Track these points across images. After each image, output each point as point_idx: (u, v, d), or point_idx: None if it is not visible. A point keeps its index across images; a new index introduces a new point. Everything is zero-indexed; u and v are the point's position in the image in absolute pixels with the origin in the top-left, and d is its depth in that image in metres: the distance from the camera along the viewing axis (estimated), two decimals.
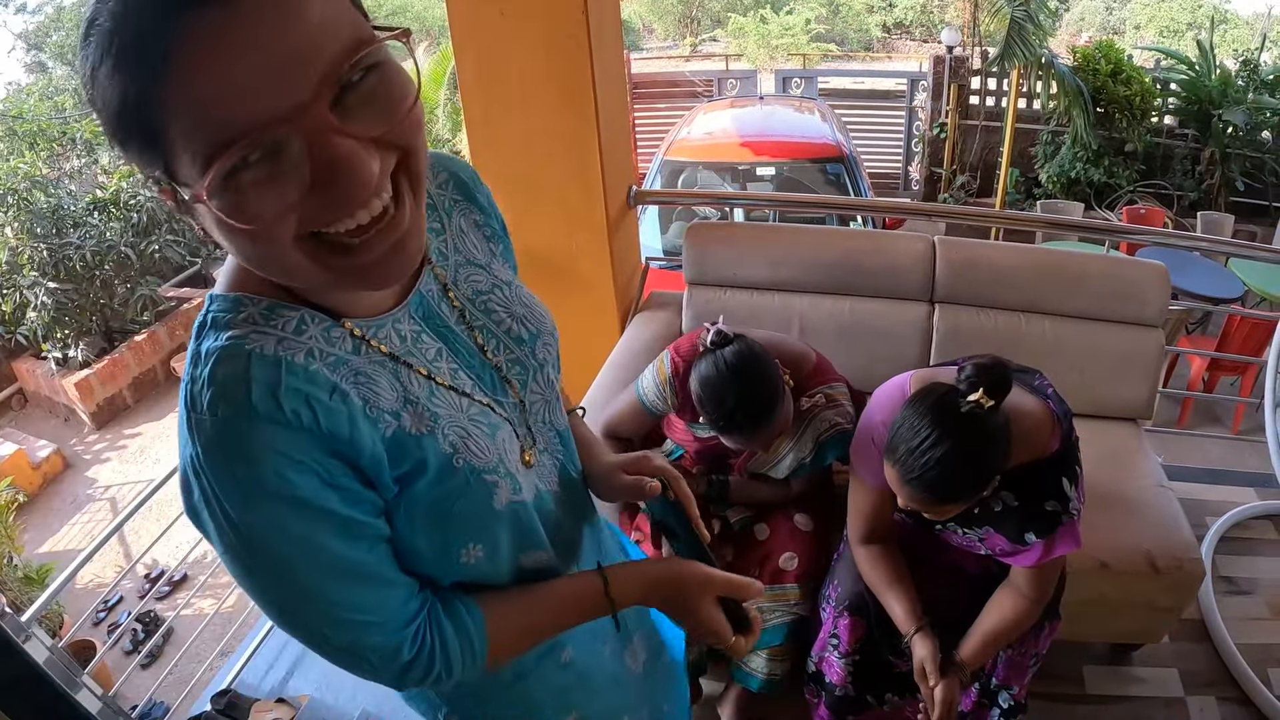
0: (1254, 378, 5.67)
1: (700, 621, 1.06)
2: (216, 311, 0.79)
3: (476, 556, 0.95)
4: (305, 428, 0.76)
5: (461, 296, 0.99)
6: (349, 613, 0.84)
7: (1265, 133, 8.64)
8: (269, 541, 0.78)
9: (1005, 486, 1.68)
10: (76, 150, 9.15)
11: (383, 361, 0.86)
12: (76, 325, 7.64)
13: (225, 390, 0.74)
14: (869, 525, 1.93)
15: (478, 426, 0.92)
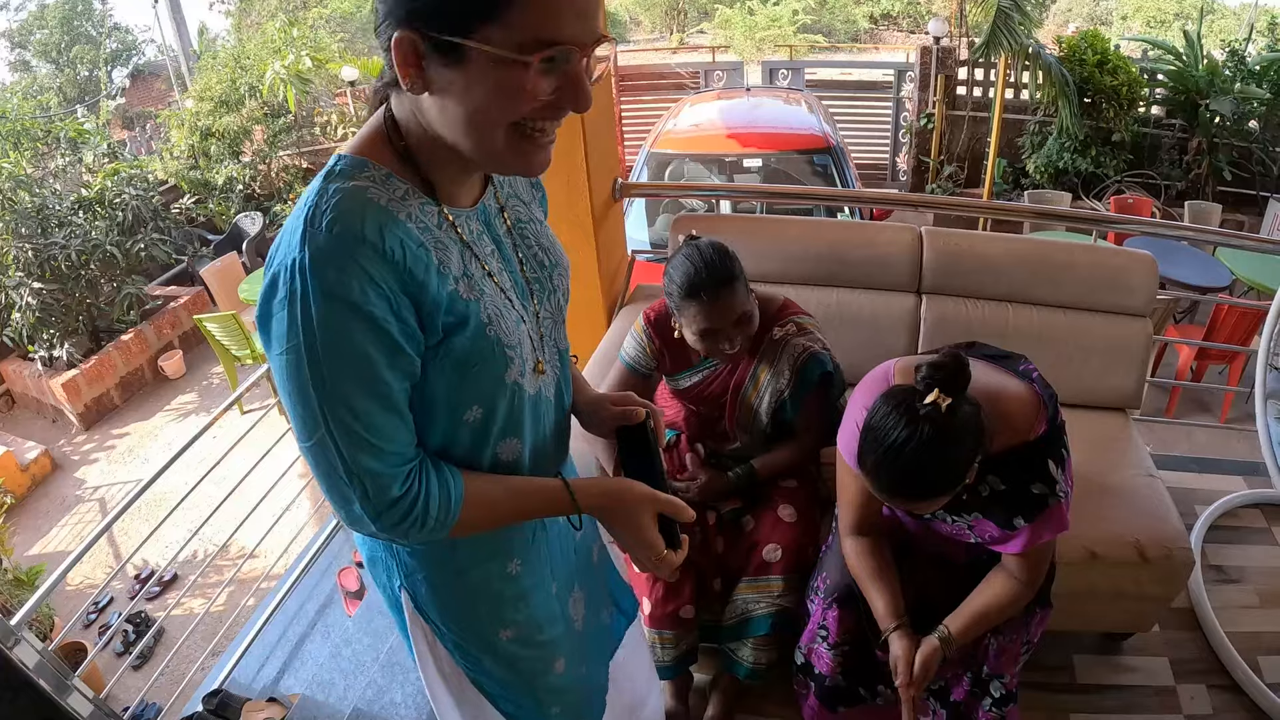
0: (1242, 366, 5.68)
1: (640, 533, 1.24)
2: (344, 166, 1.01)
3: (475, 418, 1.14)
4: (394, 261, 0.97)
5: (511, 217, 1.22)
6: (365, 430, 1.01)
7: (1252, 122, 8.65)
8: (332, 340, 0.96)
9: (991, 471, 1.68)
10: (61, 149, 9.08)
11: (455, 240, 1.08)
12: (62, 325, 7.58)
13: (345, 217, 0.95)
14: (858, 515, 1.92)
15: (510, 311, 1.13)
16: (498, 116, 0.96)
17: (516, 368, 1.13)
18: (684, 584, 2.15)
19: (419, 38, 0.91)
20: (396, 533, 1.09)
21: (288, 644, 2.93)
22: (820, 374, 2.18)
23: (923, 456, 1.50)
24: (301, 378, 0.98)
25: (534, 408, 1.22)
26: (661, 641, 2.17)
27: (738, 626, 2.16)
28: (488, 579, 1.31)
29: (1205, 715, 2.40)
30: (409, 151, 1.04)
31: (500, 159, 1.02)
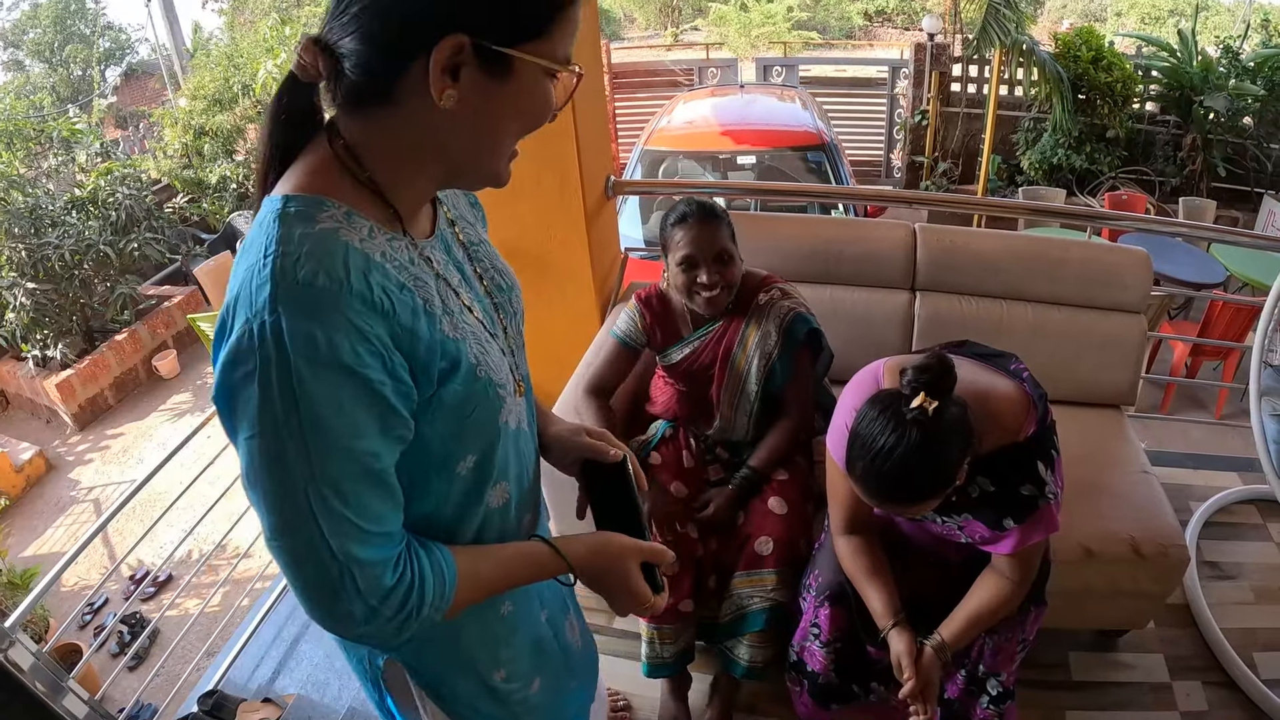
0: (1236, 363, 5.70)
1: (628, 585, 1.18)
2: (300, 206, 0.88)
3: (468, 468, 1.05)
4: (384, 311, 0.87)
5: (465, 240, 1.13)
6: (356, 516, 0.89)
7: (1247, 119, 8.68)
8: (319, 415, 0.84)
9: (980, 472, 1.68)
10: (54, 149, 9.06)
11: (431, 274, 0.98)
12: (56, 325, 7.57)
13: (325, 266, 0.83)
14: (849, 514, 1.92)
15: (492, 347, 1.05)
16: (520, 129, 0.95)
17: (508, 408, 1.07)
18: (683, 577, 2.15)
19: (470, 45, 0.85)
20: (390, 628, 0.96)
21: (283, 644, 2.93)
22: (806, 331, 2.25)
23: (911, 462, 1.49)
24: (281, 463, 0.86)
25: (516, 444, 1.14)
26: (661, 637, 2.16)
27: (733, 624, 2.15)
28: (485, 625, 1.22)
29: (1201, 712, 2.40)
30: (375, 183, 0.93)
31: (496, 173, 0.98)
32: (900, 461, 1.49)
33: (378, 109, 0.90)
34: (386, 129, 0.92)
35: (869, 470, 1.54)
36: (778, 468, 2.31)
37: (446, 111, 0.88)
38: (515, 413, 1.11)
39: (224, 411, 0.87)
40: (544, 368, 1.64)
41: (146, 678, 3.27)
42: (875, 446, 1.51)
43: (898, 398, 1.52)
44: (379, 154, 0.93)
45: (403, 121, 0.91)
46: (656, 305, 2.37)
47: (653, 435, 2.40)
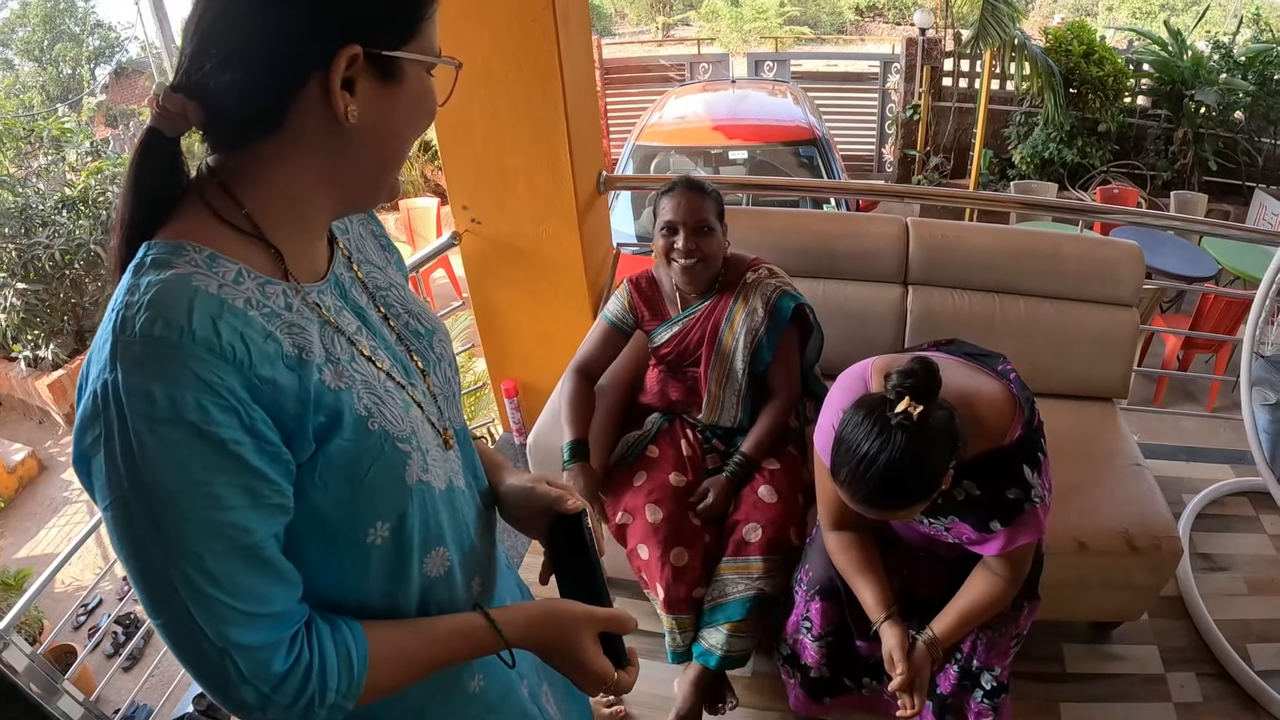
0: (1228, 355, 5.71)
1: (582, 661, 1.05)
2: (158, 254, 0.80)
3: (381, 538, 0.93)
4: (236, 361, 0.76)
5: (370, 285, 1.03)
6: (229, 597, 0.79)
7: (1238, 113, 8.70)
8: (164, 482, 0.74)
9: (966, 475, 1.67)
10: (44, 148, 9.01)
11: (315, 320, 0.88)
12: (47, 325, 7.53)
13: (165, 314, 0.74)
14: (837, 510, 1.92)
15: (392, 399, 0.93)
16: (415, 133, 0.90)
17: (416, 464, 0.94)
18: (695, 564, 2.15)
19: (362, 55, 0.81)
20: (292, 715, 0.85)
21: None
22: (793, 307, 2.29)
23: (896, 469, 1.48)
24: (137, 539, 0.76)
25: (449, 504, 1.03)
26: (680, 627, 2.15)
27: (713, 610, 2.14)
28: (450, 705, 1.10)
29: (1195, 703, 2.41)
30: (251, 220, 0.85)
31: (394, 186, 0.93)
32: (885, 468, 1.48)
33: (266, 141, 0.84)
34: (276, 159, 0.85)
35: (854, 476, 1.53)
36: (770, 452, 2.31)
37: (346, 129, 0.83)
38: (440, 471, 1.00)
39: (84, 480, 0.79)
40: (537, 363, 1.65)
41: (141, 678, 3.24)
42: (860, 453, 1.50)
43: (883, 402, 1.51)
44: (265, 190, 0.86)
45: (296, 147, 0.84)
46: (645, 286, 2.43)
47: (649, 429, 2.40)
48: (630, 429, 2.44)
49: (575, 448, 2.30)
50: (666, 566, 2.12)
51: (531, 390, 3.38)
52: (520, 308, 3.21)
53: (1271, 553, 2.92)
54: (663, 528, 2.15)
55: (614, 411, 2.50)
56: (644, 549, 2.16)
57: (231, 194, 0.85)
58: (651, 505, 2.18)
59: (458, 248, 3.19)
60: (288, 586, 0.85)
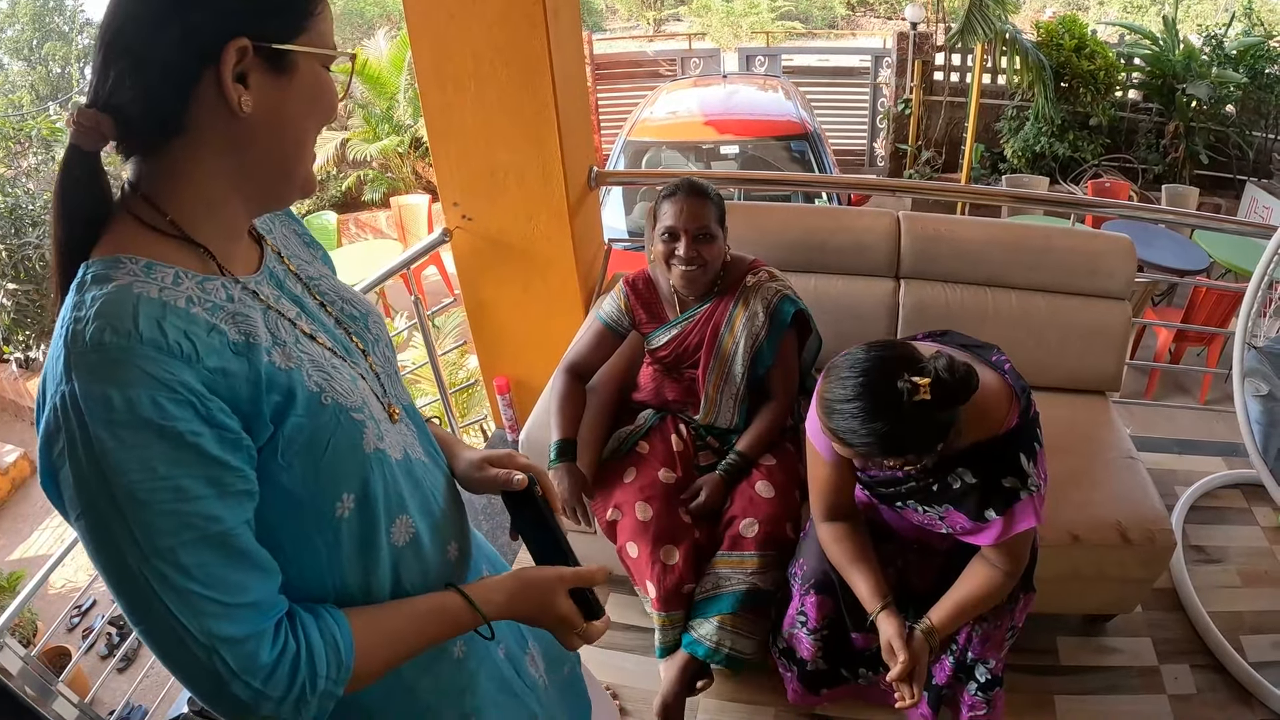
0: (1220, 348, 5.73)
1: (557, 617, 1.12)
2: (96, 270, 0.83)
3: (348, 510, 0.96)
4: (184, 357, 0.80)
5: (303, 276, 1.09)
6: (206, 589, 0.81)
7: (1229, 106, 8.71)
8: (130, 481, 0.77)
9: (963, 464, 1.69)
10: (33, 148, 8.98)
11: (257, 307, 0.93)
12: (38, 326, 7.51)
13: (112, 322, 0.78)
14: (829, 501, 1.92)
15: (340, 373, 0.98)
16: (316, 125, 0.94)
17: (372, 431, 0.98)
18: (684, 562, 2.14)
19: (251, 48, 0.85)
20: (285, 710, 0.87)
21: None
22: (794, 312, 2.29)
23: (868, 414, 1.50)
24: (110, 544, 0.79)
25: (409, 474, 1.08)
26: (670, 623, 2.15)
27: (706, 601, 2.13)
28: (439, 677, 1.15)
29: (1189, 694, 2.41)
30: (176, 225, 0.89)
31: (306, 177, 0.96)
32: (858, 411, 1.51)
33: (174, 145, 0.87)
34: (187, 161, 0.88)
35: (835, 389, 1.55)
36: (765, 452, 2.31)
37: (246, 123, 0.87)
38: (396, 442, 1.06)
39: (52, 496, 0.82)
40: (529, 359, 1.65)
41: (136, 679, 3.23)
42: (847, 394, 1.52)
43: (903, 364, 1.51)
44: (181, 192, 0.89)
45: (203, 147, 0.88)
46: (642, 288, 2.42)
47: (641, 425, 2.40)
48: (623, 425, 2.43)
49: (562, 447, 2.29)
50: (656, 564, 2.12)
51: (524, 386, 3.37)
52: (512, 304, 3.20)
53: (1264, 545, 2.93)
54: (652, 525, 2.15)
55: (606, 408, 2.49)
56: (633, 546, 2.15)
57: (154, 204, 0.88)
58: (641, 503, 2.18)
59: (449, 244, 3.18)
60: (263, 575, 0.88)
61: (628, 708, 2.39)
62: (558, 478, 2.24)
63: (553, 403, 2.37)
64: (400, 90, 9.72)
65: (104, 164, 0.89)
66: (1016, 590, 1.91)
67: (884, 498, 1.88)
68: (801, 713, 2.33)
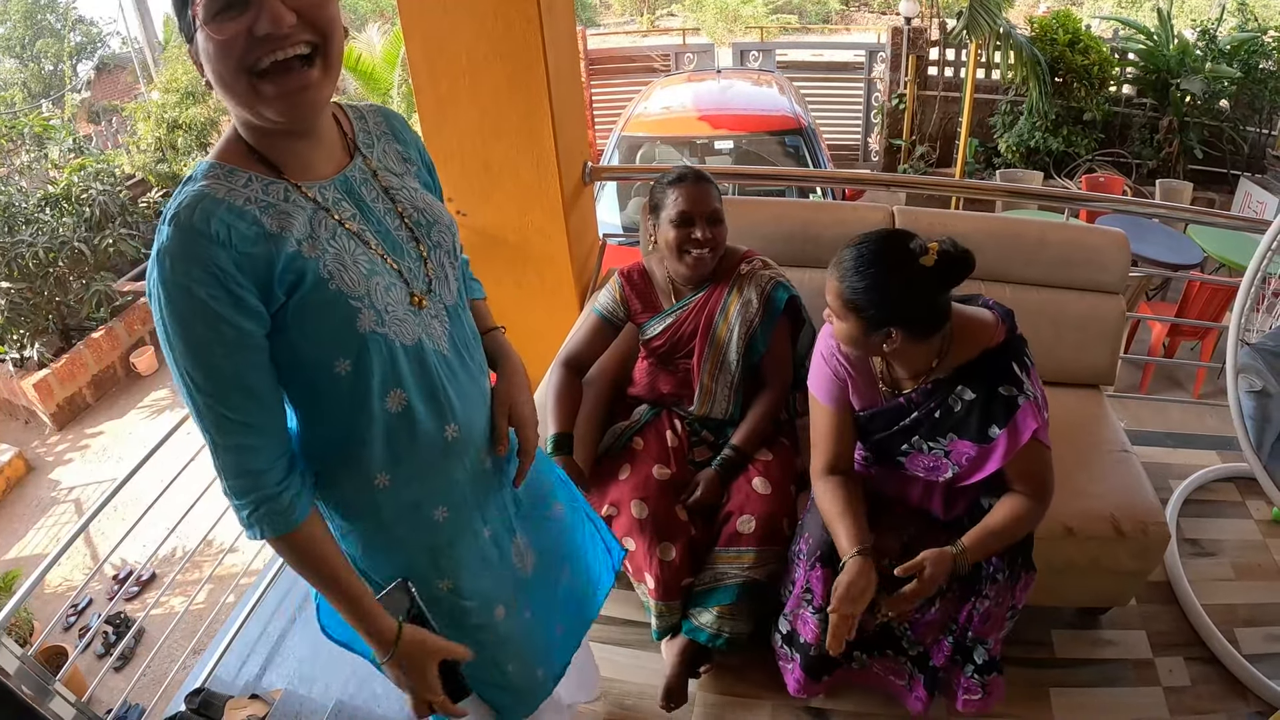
0: (1214, 342, 5.74)
1: (424, 681, 1.37)
2: (195, 172, 1.15)
3: (346, 370, 1.22)
4: (221, 242, 1.09)
5: (384, 184, 1.33)
6: (215, 401, 1.14)
7: (1223, 101, 8.73)
8: (176, 320, 1.10)
9: (960, 381, 1.82)
10: (26, 145, 8.95)
11: (305, 206, 1.20)
12: (32, 325, 7.49)
13: (180, 211, 1.10)
14: (829, 452, 1.99)
15: (358, 266, 1.21)
16: (227, 71, 1.10)
17: (368, 318, 1.21)
18: (681, 557, 2.16)
19: (189, 45, 1.13)
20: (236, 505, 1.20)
21: (269, 640, 2.91)
22: (787, 299, 2.32)
23: (878, 247, 1.74)
24: (168, 350, 1.12)
25: (418, 360, 1.29)
26: (668, 610, 2.18)
27: (705, 593, 2.16)
28: (415, 529, 1.39)
29: (1184, 687, 2.42)
30: (247, 141, 1.19)
31: (266, 106, 1.12)
32: (871, 245, 1.74)
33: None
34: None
35: (855, 241, 1.77)
36: (760, 446, 2.33)
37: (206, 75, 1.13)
38: (408, 329, 1.27)
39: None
40: (523, 354, 1.67)
41: (133, 678, 3.23)
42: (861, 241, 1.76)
43: (912, 237, 1.73)
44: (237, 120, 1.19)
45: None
46: (637, 279, 2.44)
47: (637, 420, 2.41)
48: (618, 421, 2.44)
49: (558, 441, 2.30)
50: (654, 560, 2.14)
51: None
52: (506, 299, 3.20)
53: (1258, 538, 2.94)
54: (649, 523, 2.16)
55: (601, 403, 2.50)
56: (631, 541, 2.16)
57: (236, 128, 1.20)
58: (637, 501, 2.19)
59: None
60: (260, 405, 1.17)
61: (626, 701, 2.39)
62: None
63: (550, 396, 2.38)
64: (394, 86, 9.69)
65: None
66: (1017, 568, 1.96)
67: (887, 448, 1.94)
68: (798, 704, 2.34)
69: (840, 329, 1.80)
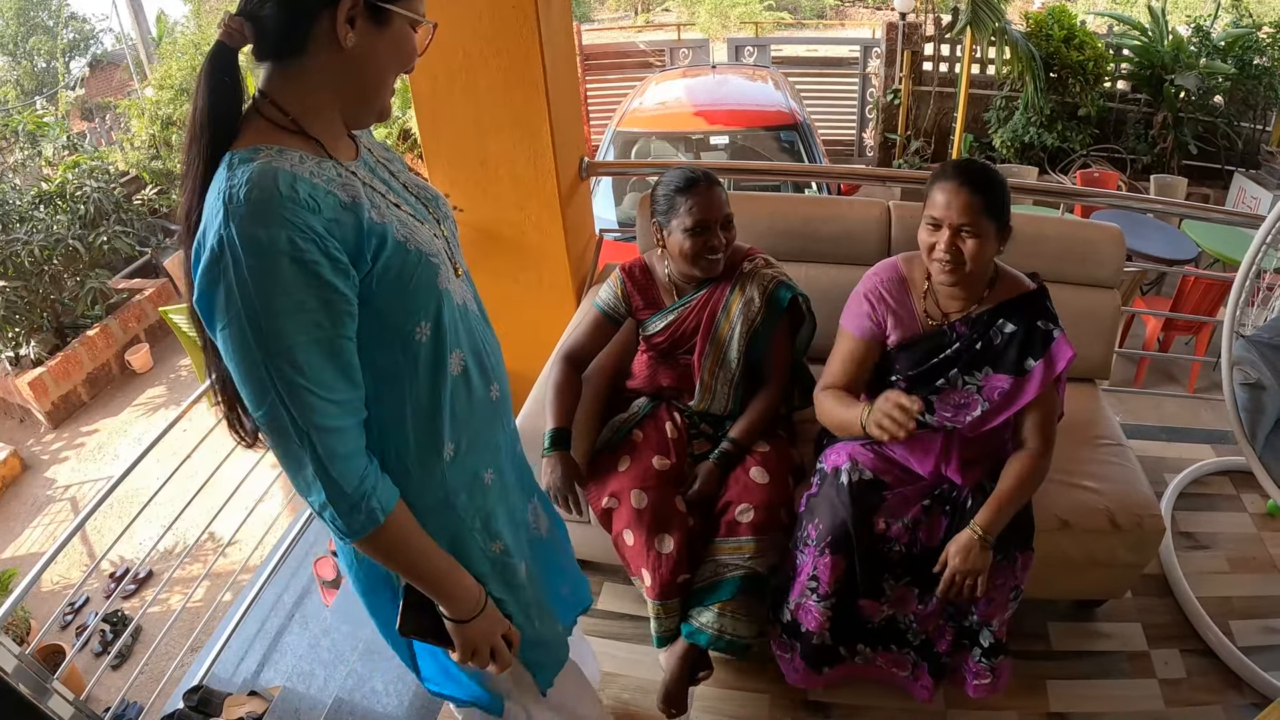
0: (1209, 337, 5.76)
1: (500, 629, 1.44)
2: (241, 155, 1.11)
3: (425, 335, 1.25)
4: (312, 207, 1.09)
5: (385, 169, 1.37)
6: (309, 383, 1.11)
7: (1217, 97, 8.74)
8: (268, 294, 1.06)
9: (1002, 314, 1.97)
10: (19, 143, 8.93)
11: (356, 180, 1.21)
12: (27, 323, 7.48)
13: (260, 184, 1.07)
14: (840, 372, 2.11)
15: (421, 230, 1.28)
16: (397, 69, 1.20)
17: (444, 273, 1.27)
18: (679, 549, 2.15)
19: (363, 2, 1.13)
20: (342, 505, 1.17)
21: (266, 637, 2.92)
22: (790, 298, 2.32)
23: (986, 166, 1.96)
24: (246, 343, 1.08)
25: (465, 318, 1.35)
26: (666, 612, 2.16)
27: (702, 591, 2.15)
28: (473, 496, 1.42)
29: (1179, 679, 2.43)
30: (296, 122, 1.18)
31: (383, 108, 1.23)
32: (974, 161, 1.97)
33: (294, 62, 1.16)
34: (303, 75, 1.17)
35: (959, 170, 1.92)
36: (758, 439, 2.33)
37: (347, 56, 1.15)
38: (458, 290, 1.34)
39: (204, 313, 1.10)
40: (520, 349, 1.70)
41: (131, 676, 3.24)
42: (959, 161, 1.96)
43: None
44: (297, 99, 1.18)
45: (314, 69, 1.16)
46: (639, 275, 2.44)
47: (636, 413, 2.41)
48: (616, 414, 2.44)
49: (555, 436, 2.30)
50: (651, 552, 2.13)
51: (515, 376, 3.33)
52: (503, 294, 3.20)
53: (1253, 531, 2.95)
54: (647, 513, 2.16)
55: (600, 396, 2.50)
56: (629, 534, 2.16)
57: (280, 108, 1.17)
58: (636, 491, 2.18)
59: None
60: (350, 384, 1.17)
61: (624, 695, 2.40)
62: (550, 467, 2.25)
63: (549, 391, 2.38)
64: None
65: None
66: (1014, 549, 2.02)
67: (923, 382, 2.02)
68: (797, 699, 2.35)
69: (971, 246, 1.89)
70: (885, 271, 2.13)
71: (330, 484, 1.15)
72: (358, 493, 1.17)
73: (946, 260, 1.91)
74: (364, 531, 1.20)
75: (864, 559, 2.03)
